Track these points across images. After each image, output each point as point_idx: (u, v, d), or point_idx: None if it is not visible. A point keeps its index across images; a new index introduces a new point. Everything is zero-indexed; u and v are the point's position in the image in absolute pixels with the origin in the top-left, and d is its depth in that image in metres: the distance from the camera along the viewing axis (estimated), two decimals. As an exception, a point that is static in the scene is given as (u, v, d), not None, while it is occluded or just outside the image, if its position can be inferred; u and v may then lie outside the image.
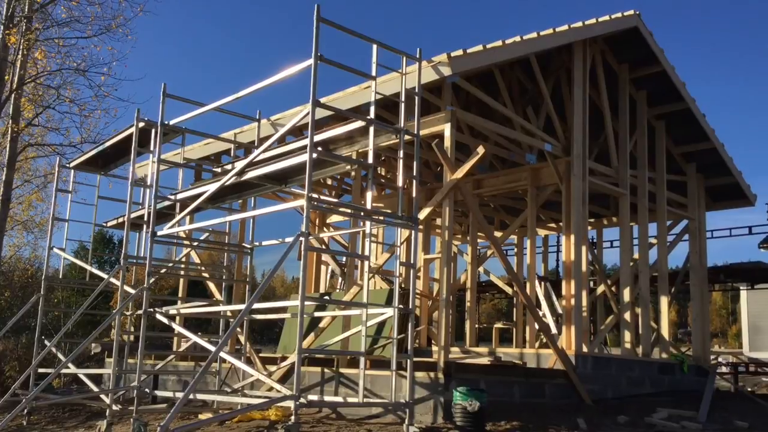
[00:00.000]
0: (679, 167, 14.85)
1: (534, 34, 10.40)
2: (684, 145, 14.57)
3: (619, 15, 11.88)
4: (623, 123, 13.00)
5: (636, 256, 13.68)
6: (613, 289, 14.74)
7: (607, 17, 11.68)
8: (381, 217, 9.02)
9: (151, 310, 9.76)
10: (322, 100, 9.84)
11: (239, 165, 9.02)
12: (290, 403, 7.04)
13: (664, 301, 14.04)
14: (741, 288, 25.27)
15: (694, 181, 14.94)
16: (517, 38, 10.15)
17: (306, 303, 7.48)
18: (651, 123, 13.83)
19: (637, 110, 13.46)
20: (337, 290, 14.93)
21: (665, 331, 13.97)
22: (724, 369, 19.21)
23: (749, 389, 16.93)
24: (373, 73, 8.37)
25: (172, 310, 10.81)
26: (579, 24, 11.15)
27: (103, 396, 10.06)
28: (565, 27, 10.90)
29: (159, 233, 9.82)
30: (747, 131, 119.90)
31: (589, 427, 8.66)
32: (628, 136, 13.02)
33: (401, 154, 8.58)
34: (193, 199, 9.79)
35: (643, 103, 13.50)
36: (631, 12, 12.03)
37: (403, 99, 8.58)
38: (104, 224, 14.42)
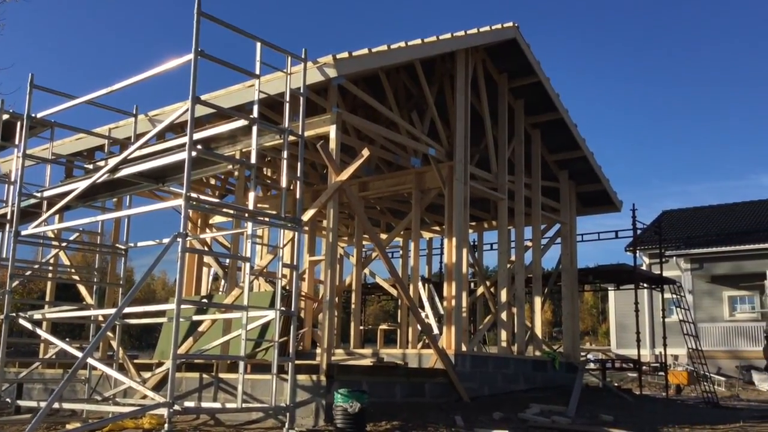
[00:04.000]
0: (553, 174, 15.63)
1: (418, 41, 10.60)
2: (557, 153, 15.35)
3: (499, 26, 12.33)
4: (502, 130, 13.51)
5: (513, 258, 14.25)
6: (492, 290, 15.29)
7: (487, 28, 12.09)
8: (265, 218, 8.88)
9: (14, 314, 9.12)
10: (204, 97, 9.60)
11: (113, 162, 8.61)
12: (164, 411, 6.79)
13: (537, 301, 14.73)
14: (609, 288, 26.91)
15: (567, 187, 15.77)
16: (402, 44, 10.32)
17: (184, 306, 7.24)
18: (528, 131, 14.47)
19: (515, 118, 14.03)
20: (220, 293, 14.56)
21: (538, 330, 14.66)
22: (592, 365, 20.31)
23: (616, 384, 18.05)
24: (257, 72, 8.24)
25: (38, 315, 10.14)
26: (461, 33, 11.47)
27: (-43, 409, 9.28)
28: (448, 35, 11.19)
29: (23, 233, 9.21)
30: (617, 141, 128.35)
31: (467, 424, 8.92)
32: (506, 143, 13.55)
33: (285, 154, 8.49)
34: (62, 196, 9.24)
35: (521, 111, 14.10)
36: (510, 24, 12.53)
37: (287, 99, 8.51)
38: (-38, 223, 13.31)
